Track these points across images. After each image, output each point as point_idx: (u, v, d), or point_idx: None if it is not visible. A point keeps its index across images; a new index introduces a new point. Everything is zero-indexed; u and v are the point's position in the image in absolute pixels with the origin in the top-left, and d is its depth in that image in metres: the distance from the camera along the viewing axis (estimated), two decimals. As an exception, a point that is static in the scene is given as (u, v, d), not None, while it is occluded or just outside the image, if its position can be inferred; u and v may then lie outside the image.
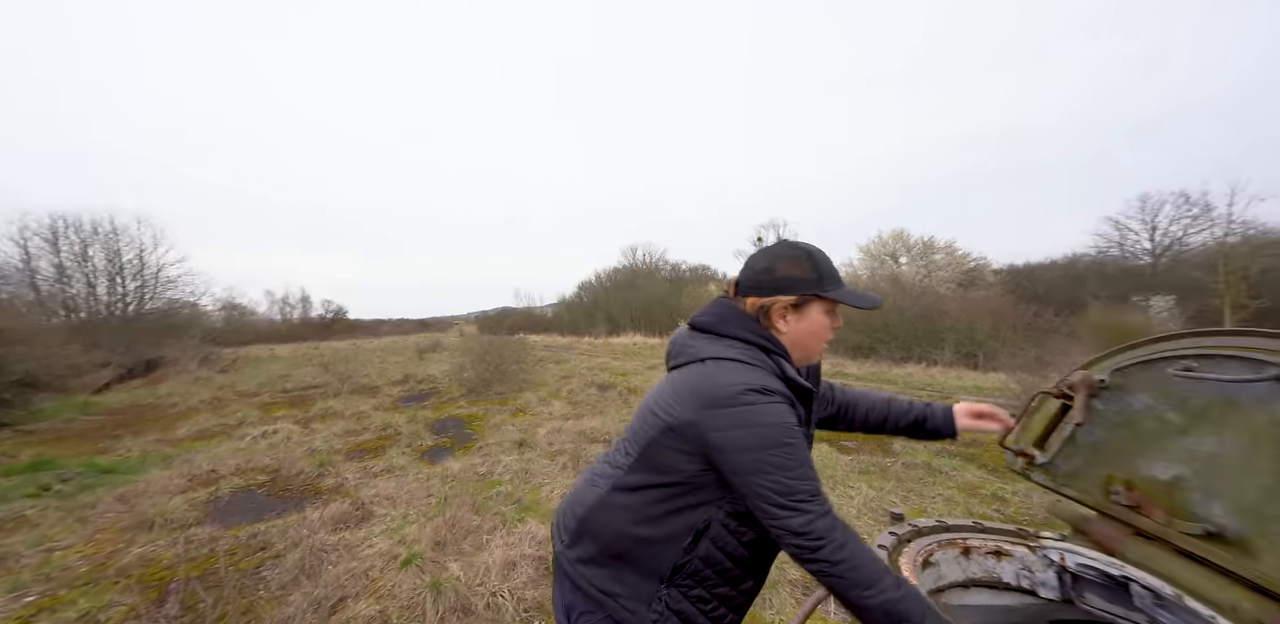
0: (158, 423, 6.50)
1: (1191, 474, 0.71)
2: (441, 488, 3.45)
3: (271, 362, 15.45)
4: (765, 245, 0.86)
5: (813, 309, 0.83)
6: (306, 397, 8.13)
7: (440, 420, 5.92)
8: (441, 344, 18.60)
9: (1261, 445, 0.63)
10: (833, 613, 1.95)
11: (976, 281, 18.64)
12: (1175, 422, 0.75)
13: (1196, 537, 0.68)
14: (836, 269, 0.85)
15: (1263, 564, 0.60)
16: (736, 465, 0.70)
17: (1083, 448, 0.90)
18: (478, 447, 4.56)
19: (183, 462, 4.26)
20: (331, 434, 5.20)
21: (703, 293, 23.63)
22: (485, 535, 2.61)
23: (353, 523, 2.89)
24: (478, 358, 8.48)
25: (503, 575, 2.19)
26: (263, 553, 2.55)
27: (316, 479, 3.79)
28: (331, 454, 4.43)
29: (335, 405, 6.92)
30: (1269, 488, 0.61)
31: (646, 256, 33.32)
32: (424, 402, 7.31)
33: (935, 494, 3.31)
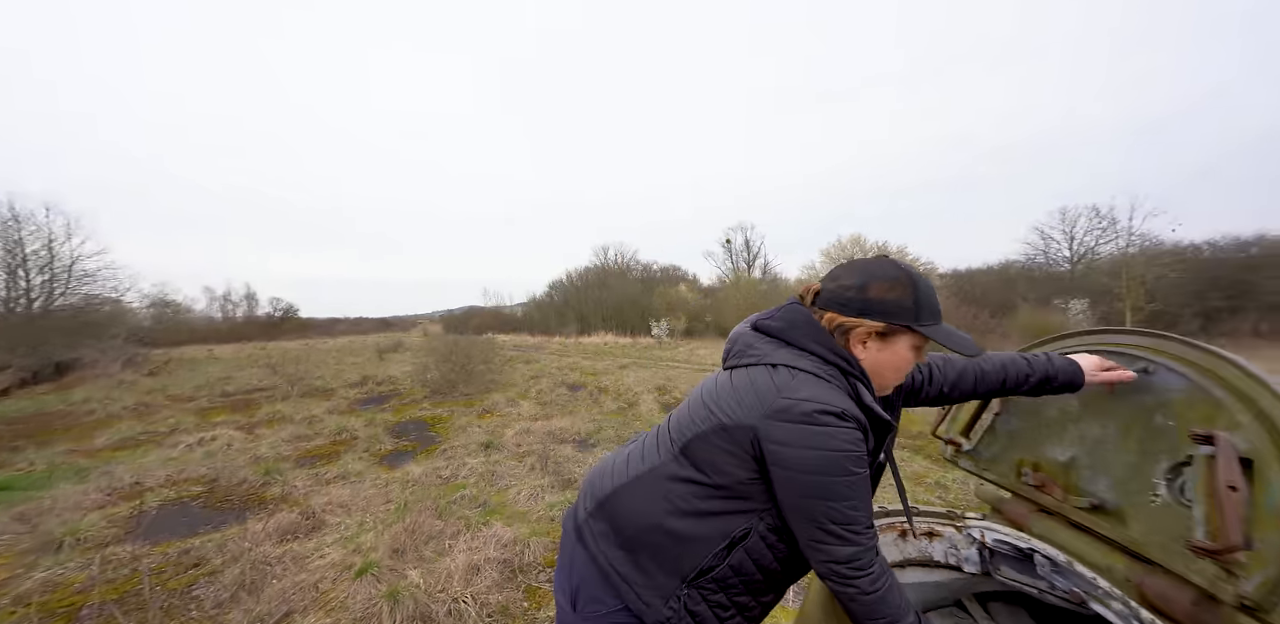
0: (70, 432, 5.83)
1: (1082, 456, 0.82)
2: (401, 493, 3.31)
3: (210, 363, 14.20)
4: (858, 259, 0.78)
5: (900, 341, 0.73)
6: (251, 400, 7.54)
7: (401, 423, 5.66)
8: (404, 344, 17.78)
9: (1130, 429, 0.73)
10: (790, 601, 2.05)
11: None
12: (1071, 410, 0.85)
13: (1084, 510, 0.78)
14: (938, 302, 0.74)
15: (1130, 530, 0.70)
16: (795, 485, 0.67)
17: (1000, 436, 1.01)
18: (441, 449, 4.41)
19: (101, 474, 3.84)
20: (279, 440, 4.86)
21: (673, 293, 23.97)
22: (448, 540, 2.53)
23: (302, 533, 2.72)
24: (442, 358, 8.18)
25: (466, 581, 2.13)
26: (196, 570, 2.35)
27: (261, 488, 3.53)
28: (279, 461, 4.14)
29: (284, 409, 6.47)
30: (1135, 465, 0.71)
31: (618, 256, 33.31)
32: (383, 404, 6.97)
33: (885, 483, 3.53)
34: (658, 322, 19.56)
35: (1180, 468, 0.65)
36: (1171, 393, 0.68)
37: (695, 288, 26.96)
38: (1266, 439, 0.55)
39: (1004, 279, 19.97)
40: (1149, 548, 0.67)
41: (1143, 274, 14.82)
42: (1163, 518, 0.65)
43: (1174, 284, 14.67)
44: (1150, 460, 0.69)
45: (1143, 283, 14.72)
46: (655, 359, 13.69)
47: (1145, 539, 0.68)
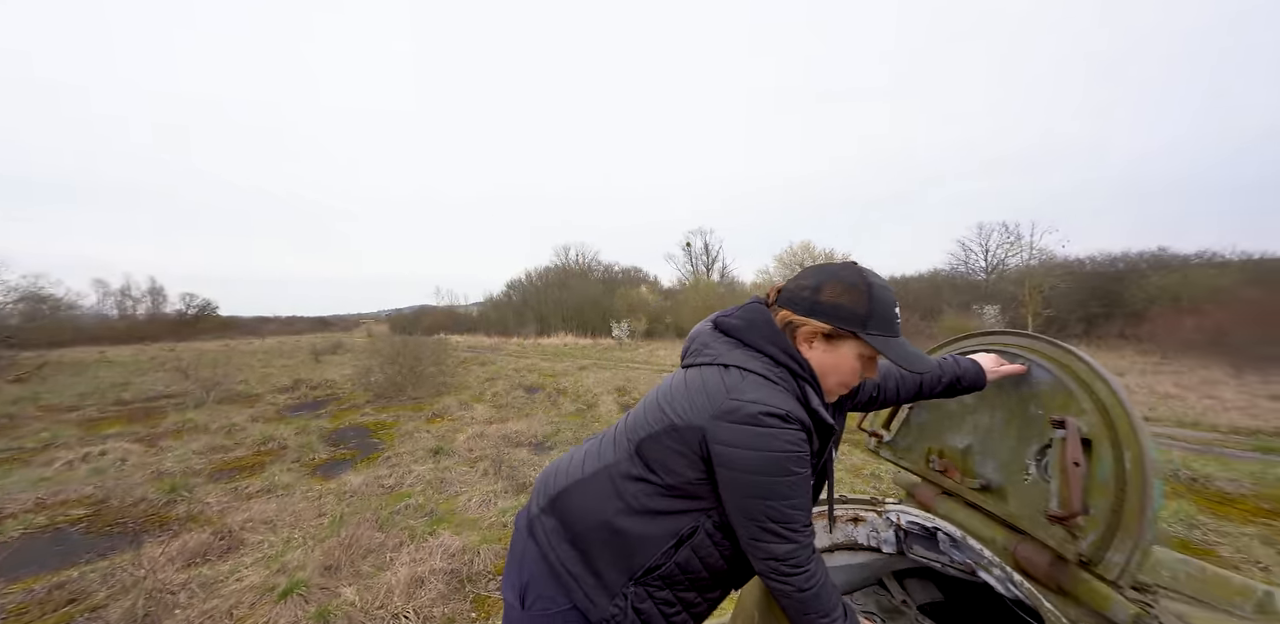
0: (-97, 451, 4.82)
1: (976, 443, 0.94)
2: (337, 505, 3.07)
3: (103, 367, 12.34)
4: (827, 265, 0.79)
5: (846, 346, 0.74)
6: (155, 409, 6.64)
7: (339, 430, 5.24)
8: (345, 345, 16.45)
9: (1011, 418, 0.85)
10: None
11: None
12: (968, 403, 0.98)
13: (976, 490, 0.90)
14: (897, 314, 0.74)
15: (1009, 506, 0.82)
16: (738, 485, 0.69)
17: (913, 428, 1.13)
18: (385, 457, 4.14)
19: (-57, 501, 3.22)
20: (189, 452, 4.33)
21: (634, 295, 24.13)
22: (390, 553, 2.38)
23: (214, 555, 2.44)
24: (388, 360, 7.68)
25: (408, 594, 2.02)
26: (73, 606, 2.03)
27: (164, 507, 3.13)
28: (188, 476, 3.68)
29: (197, 418, 5.76)
30: (1013, 449, 0.83)
31: (579, 256, 32.97)
32: (319, 410, 6.41)
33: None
34: (618, 323, 19.59)
35: (1045, 450, 0.77)
36: (1041, 386, 0.81)
37: (656, 290, 27.34)
38: (1101, 423, 0.68)
39: (933, 286, 22.11)
40: (1020, 520, 0.79)
41: (1040, 284, 17.07)
42: (1031, 493, 0.77)
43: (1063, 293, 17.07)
44: (1024, 444, 0.81)
45: (1040, 291, 16.97)
46: (616, 360, 13.69)
47: (1018, 512, 0.80)
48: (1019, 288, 17.95)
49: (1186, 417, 6.34)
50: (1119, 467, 0.65)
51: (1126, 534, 0.61)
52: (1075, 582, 0.69)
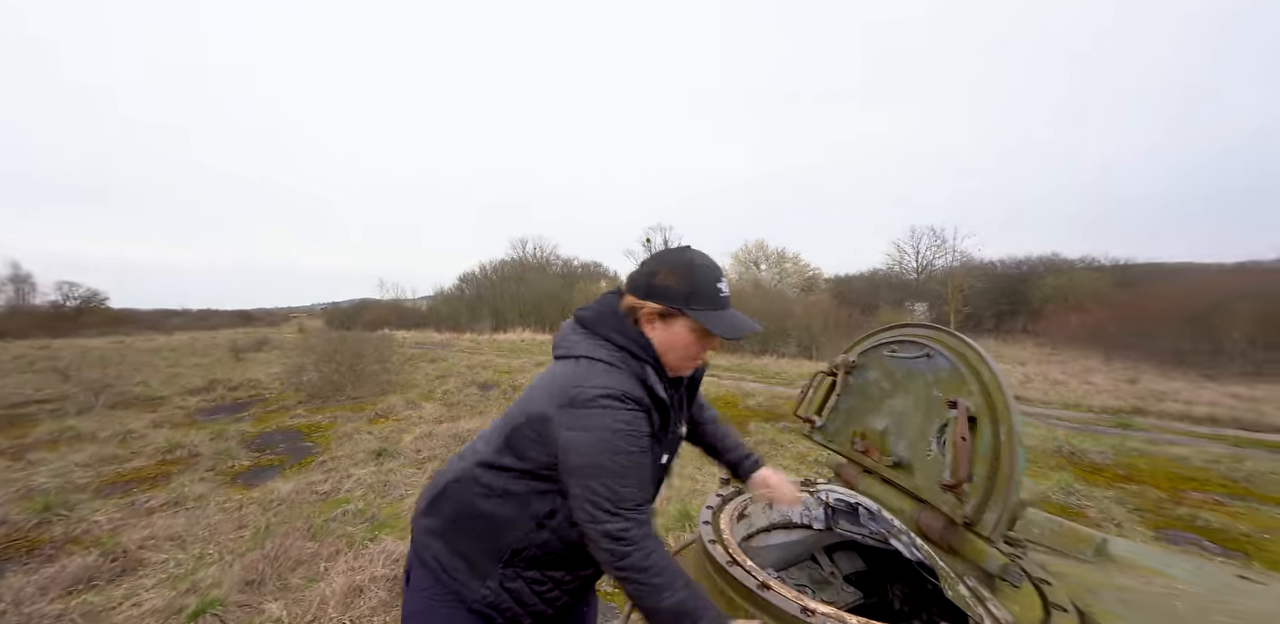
0: None
1: (892, 424, 1.05)
2: (262, 515, 2.80)
3: (-53, 368, 10.22)
4: (660, 249, 0.90)
5: (678, 323, 0.81)
6: (22, 416, 5.64)
7: (264, 434, 4.77)
8: (271, 341, 14.88)
9: (918, 401, 0.96)
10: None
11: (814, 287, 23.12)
12: (886, 388, 1.08)
13: (890, 467, 1.00)
14: (720, 289, 0.81)
15: (915, 479, 0.93)
16: (573, 467, 0.72)
17: (841, 413, 1.23)
18: (319, 461, 3.83)
19: None
20: (70, 465, 3.74)
21: (594, 289, 23.96)
22: (324, 562, 2.22)
23: (103, 579, 2.14)
24: (324, 357, 7.07)
25: (344, 605, 1.90)
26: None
27: (34, 529, 2.69)
28: (68, 492, 3.19)
29: (80, 425, 4.98)
30: (920, 428, 0.94)
31: (537, 250, 32.09)
32: (240, 413, 5.78)
33: (777, 464, 4.01)
34: (579, 318, 19.38)
35: (944, 428, 0.88)
36: (942, 372, 0.92)
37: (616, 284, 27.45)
38: (984, 403, 0.79)
39: (872, 284, 23.99)
40: (923, 491, 0.89)
41: (961, 284, 19.13)
42: (932, 467, 0.88)
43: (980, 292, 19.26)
44: (929, 424, 0.92)
45: (961, 290, 18.99)
46: (575, 355, 13.54)
47: (921, 484, 0.90)
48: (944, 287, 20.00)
49: (1069, 399, 7.42)
50: (995, 440, 0.76)
51: (998, 497, 0.72)
52: (962, 541, 0.79)
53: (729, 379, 8.95)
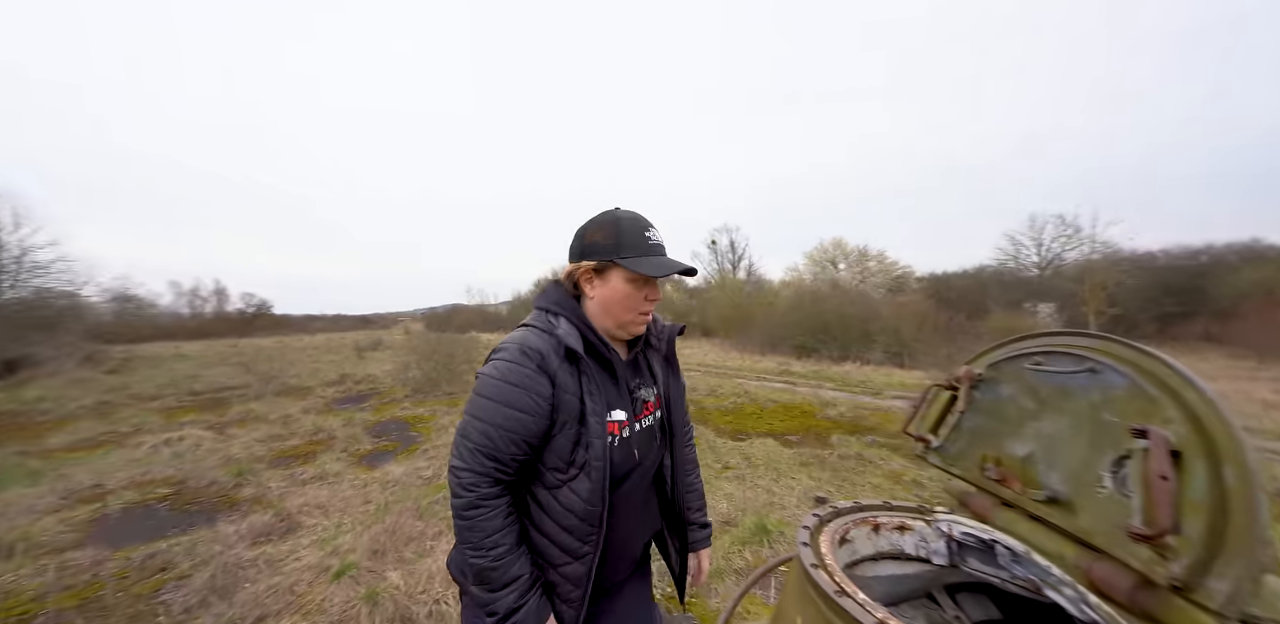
0: (21, 432, 5.51)
1: (1039, 451, 0.87)
2: (381, 494, 3.25)
3: (177, 360, 13.59)
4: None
5: (613, 276, 0.82)
6: (222, 399, 7.26)
7: (381, 423, 5.55)
8: (384, 342, 17.36)
9: (1081, 426, 0.78)
10: (771, 597, 2.10)
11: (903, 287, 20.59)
12: (1029, 407, 0.91)
13: (1040, 502, 0.84)
14: (648, 237, 0.83)
15: (1080, 520, 0.76)
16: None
17: (965, 432, 1.06)
18: (423, 449, 4.34)
19: (56, 477, 3.66)
20: (252, 440, 4.70)
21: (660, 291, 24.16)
22: (429, 541, 2.50)
23: (276, 535, 2.65)
24: (424, 356, 8.04)
25: (448, 582, 2.12)
26: (163, 574, 2.27)
27: (233, 490, 3.42)
28: (252, 462, 4.01)
29: (258, 408, 6.25)
30: (1085, 459, 0.76)
31: (605, 255, 33.23)
32: (362, 403, 6.80)
33: (865, 482, 3.64)
34: (644, 322, 19.64)
35: (1123, 461, 0.71)
36: (1114, 391, 0.74)
37: (681, 288, 27.15)
38: (1191, 434, 0.61)
39: (978, 283, 20.70)
40: (1095, 536, 0.72)
41: (1104, 280, 15.58)
42: (1107, 508, 0.71)
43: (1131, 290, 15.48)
44: (1098, 454, 0.75)
45: (1104, 288, 15.49)
46: (642, 359, 13.72)
47: (1092, 528, 0.73)
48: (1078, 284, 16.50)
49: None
50: (1217, 483, 0.58)
51: (1232, 559, 0.55)
52: (1167, 609, 0.62)
53: (805, 386, 8.37)
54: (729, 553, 2.43)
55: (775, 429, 5.33)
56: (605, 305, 0.84)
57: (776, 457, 4.19)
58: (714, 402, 6.82)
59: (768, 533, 2.56)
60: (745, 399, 7.01)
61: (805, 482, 3.58)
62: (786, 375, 10.10)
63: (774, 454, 4.25)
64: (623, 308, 0.84)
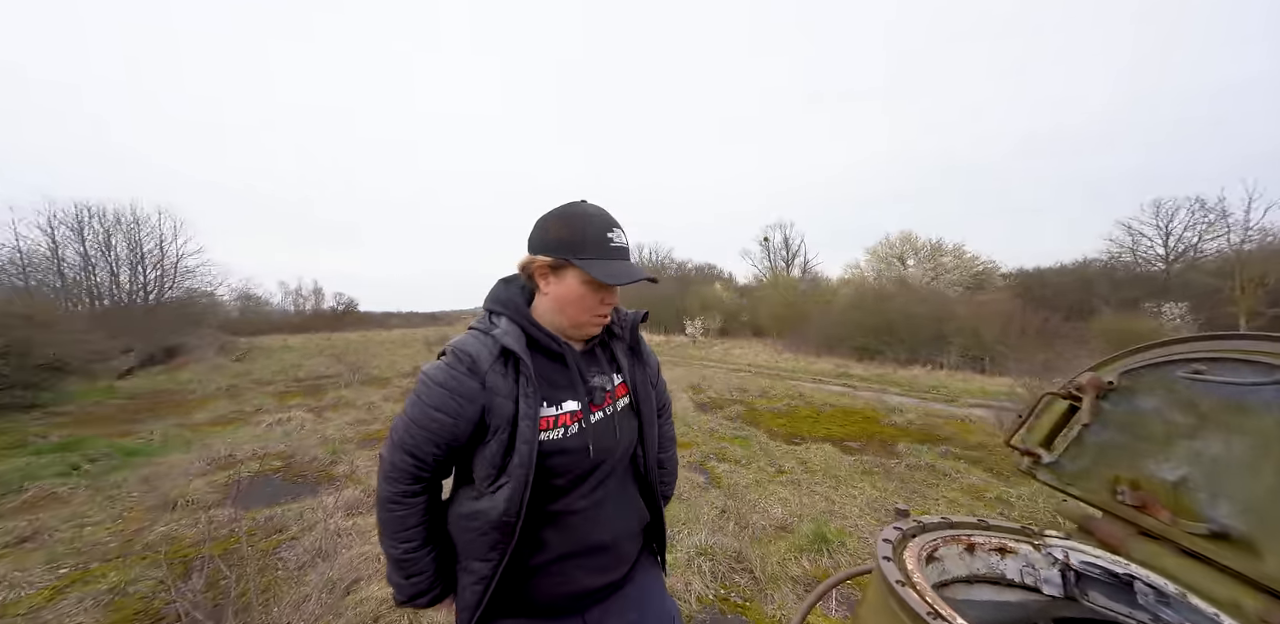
0: (178, 408, 6.70)
1: (1198, 475, 0.72)
2: (450, 477, 3.53)
3: (285, 351, 15.77)
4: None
5: (568, 275, 0.78)
6: (319, 386, 8.31)
7: (449, 412, 6.00)
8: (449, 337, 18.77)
9: (1269, 448, 0.64)
10: (833, 610, 1.98)
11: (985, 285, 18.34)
12: (1183, 423, 0.76)
13: (1201, 536, 0.69)
14: (610, 238, 0.77)
15: (1266, 564, 0.62)
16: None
17: (1089, 448, 0.91)
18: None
19: (202, 446, 4.40)
20: (344, 423, 5.33)
21: (708, 292, 23.67)
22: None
23: (365, 509, 2.97)
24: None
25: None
26: (279, 535, 2.64)
27: (330, 466, 3.89)
28: (344, 442, 4.54)
29: (347, 395, 7.07)
30: (1274, 489, 0.62)
31: (653, 254, 33.38)
32: (433, 393, 7.41)
33: (939, 496, 3.31)
34: (692, 320, 19.39)
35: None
36: (1321, 408, 0.59)
37: (731, 287, 26.45)
38: None
39: (1080, 280, 17.92)
40: (1293, 586, 0.58)
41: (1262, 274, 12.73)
42: (1306, 552, 0.57)
43: (1300, 286, 12.49)
44: (1291, 485, 0.60)
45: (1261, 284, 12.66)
46: (689, 358, 13.59)
47: (1288, 576, 0.59)
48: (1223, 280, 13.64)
49: None
50: None
51: None
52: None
53: (867, 390, 7.80)
54: (784, 559, 2.33)
55: (833, 434, 5.03)
56: (560, 304, 0.80)
57: (835, 463, 3.94)
58: (766, 403, 6.57)
59: (827, 542, 2.42)
60: (800, 402, 6.68)
61: (869, 491, 3.33)
62: (845, 378, 9.48)
63: (832, 460, 4.01)
64: (578, 309, 0.80)
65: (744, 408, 6.21)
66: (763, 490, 3.30)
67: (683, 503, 3.03)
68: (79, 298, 16.28)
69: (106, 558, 2.41)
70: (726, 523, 2.75)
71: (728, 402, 6.66)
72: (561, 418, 0.80)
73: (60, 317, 9.46)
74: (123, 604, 2.03)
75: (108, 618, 1.95)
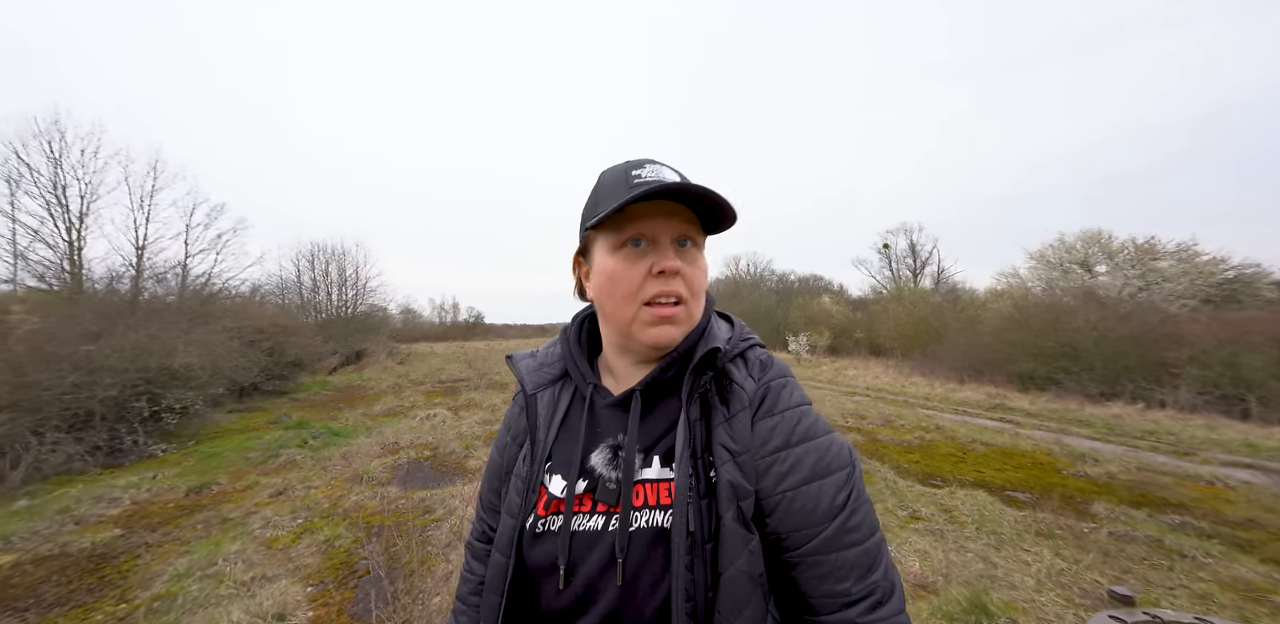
0: (362, 401, 8.57)
1: None
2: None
3: (432, 357, 19.11)
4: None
5: (597, 249, 0.52)
6: (455, 388, 9.82)
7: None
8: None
9: None
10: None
11: (1239, 297, 13.16)
12: None
13: None
14: (635, 176, 0.50)
15: None
16: None
17: None
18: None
19: (376, 433, 5.52)
20: (473, 422, 6.16)
21: (815, 305, 21.69)
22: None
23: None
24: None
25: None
26: (427, 515, 3.13)
27: (464, 459, 4.52)
28: (474, 439, 5.24)
29: (476, 397, 8.20)
30: None
31: (750, 266, 32.11)
32: (543, 400, 8.14)
33: (1176, 584, 2.39)
34: (795, 337, 17.92)
35: None
36: None
37: (841, 300, 23.84)
38: None
39: None
40: None
41: None
42: None
43: None
44: None
45: None
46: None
47: None
48: None
49: None
50: None
51: None
52: None
53: (1037, 429, 6.18)
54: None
55: (989, 479, 4.07)
56: (600, 306, 0.55)
57: (994, 516, 3.16)
58: (892, 434, 5.66)
59: (988, 615, 1.95)
60: (938, 436, 5.60)
61: (1049, 559, 2.58)
62: (1002, 411, 7.67)
63: (989, 512, 3.22)
64: (616, 300, 0.50)
65: (862, 437, 5.45)
66: (891, 536, 2.82)
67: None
68: (309, 312, 22.19)
69: (322, 515, 3.15)
70: (851, 575, 2.40)
71: (841, 429, 5.92)
72: (543, 498, 0.52)
73: (300, 326, 13.02)
74: (332, 554, 2.62)
75: (324, 563, 2.53)
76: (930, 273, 24.76)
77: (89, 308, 6.71)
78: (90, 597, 2.27)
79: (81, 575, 2.46)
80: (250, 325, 9.22)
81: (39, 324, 5.39)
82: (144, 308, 7.89)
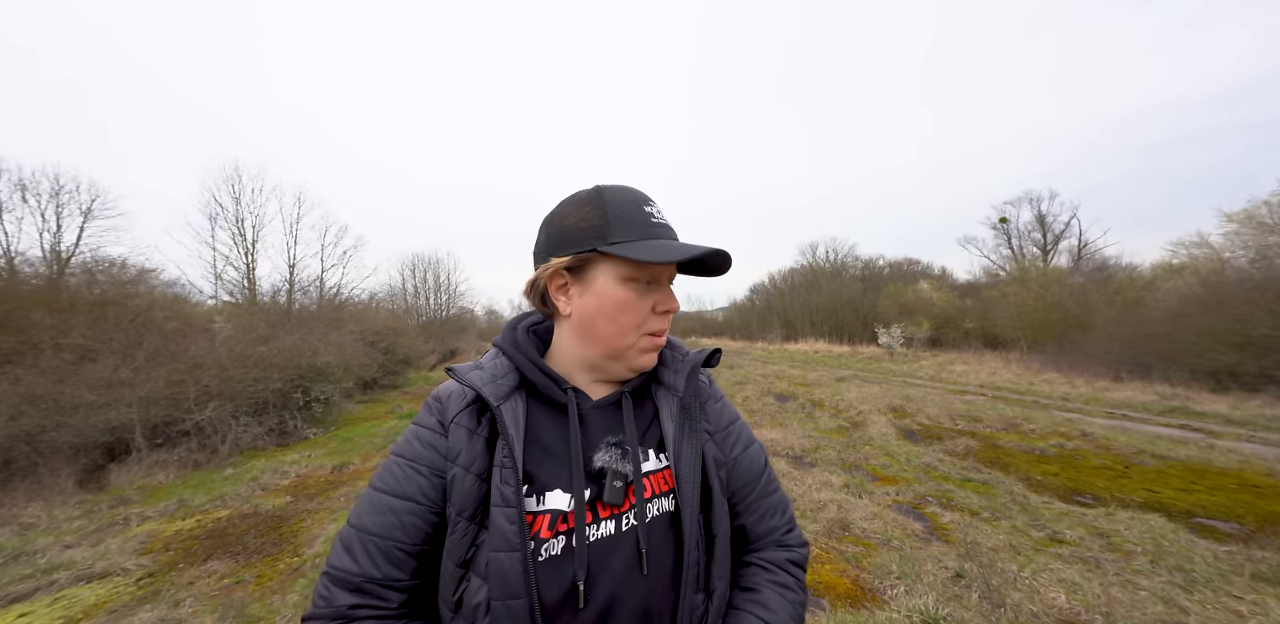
0: (459, 392, 9.59)
1: None
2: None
3: (514, 353, 20.82)
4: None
5: (599, 275, 0.52)
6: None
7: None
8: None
9: None
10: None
11: None
12: None
13: None
14: (650, 213, 0.52)
15: None
16: None
17: None
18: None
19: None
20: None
21: (910, 292, 19.11)
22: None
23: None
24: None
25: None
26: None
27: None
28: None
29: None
30: None
31: (830, 254, 29.42)
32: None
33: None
34: (887, 328, 15.98)
35: None
36: None
37: (944, 285, 20.66)
38: None
39: None
40: None
41: None
42: None
43: None
44: None
45: None
46: (885, 373, 11.35)
47: None
48: None
49: None
50: None
51: None
52: None
53: (1241, 441, 4.81)
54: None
55: (1167, 502, 3.26)
56: (589, 325, 0.53)
57: (1177, 548, 2.53)
58: (1019, 441, 4.82)
59: None
60: (1084, 443, 4.65)
61: (1277, 613, 1.98)
62: (1183, 416, 6.09)
63: (1169, 543, 2.58)
64: (619, 327, 0.52)
65: (977, 443, 4.71)
66: (1025, 561, 2.39)
67: (890, 550, 2.47)
68: (412, 315, 25.50)
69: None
70: (966, 592, 2.09)
71: (949, 432, 5.18)
72: (539, 521, 0.48)
73: (407, 328, 14.99)
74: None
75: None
76: (1067, 248, 20.21)
77: (261, 317, 8.47)
78: (275, 548, 2.85)
79: (268, 531, 3.11)
80: (370, 328, 10.85)
81: (232, 331, 6.92)
82: (296, 316, 9.69)
